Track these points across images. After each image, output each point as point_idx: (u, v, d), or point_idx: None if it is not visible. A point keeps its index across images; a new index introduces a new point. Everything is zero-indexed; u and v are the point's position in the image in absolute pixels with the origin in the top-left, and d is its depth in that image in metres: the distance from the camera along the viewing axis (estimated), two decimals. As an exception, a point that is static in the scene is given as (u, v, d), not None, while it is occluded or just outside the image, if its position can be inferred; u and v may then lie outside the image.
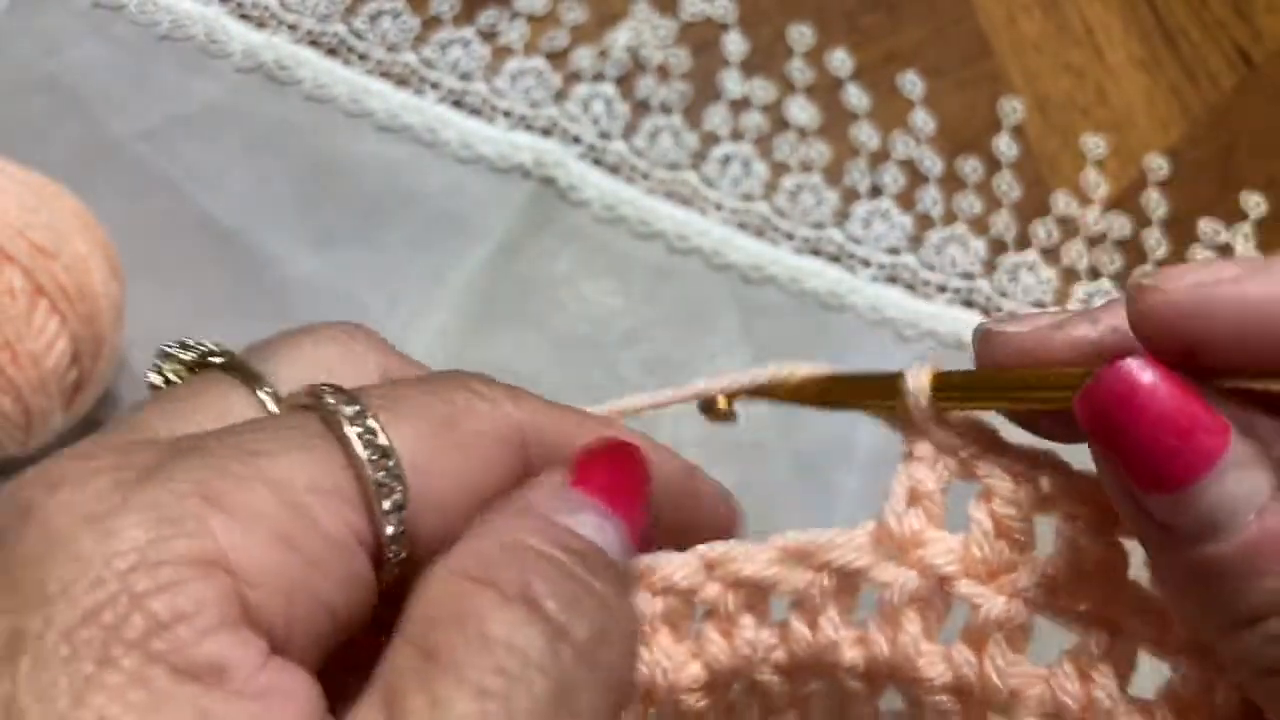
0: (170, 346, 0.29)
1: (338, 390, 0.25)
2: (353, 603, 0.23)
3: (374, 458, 0.23)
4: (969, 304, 0.65)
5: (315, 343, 0.29)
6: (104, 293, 0.52)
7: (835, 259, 0.65)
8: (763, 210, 0.65)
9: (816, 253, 0.65)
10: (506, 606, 0.22)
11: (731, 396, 0.36)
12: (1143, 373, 0.24)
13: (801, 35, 0.69)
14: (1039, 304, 0.65)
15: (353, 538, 0.23)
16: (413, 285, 0.61)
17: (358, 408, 0.24)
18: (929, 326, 0.63)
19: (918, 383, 0.29)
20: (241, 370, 0.27)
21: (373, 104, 0.63)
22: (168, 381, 0.29)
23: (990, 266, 0.66)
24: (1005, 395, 0.28)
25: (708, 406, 0.35)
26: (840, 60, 0.68)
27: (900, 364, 0.30)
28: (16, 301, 0.48)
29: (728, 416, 0.36)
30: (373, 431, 0.24)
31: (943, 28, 0.70)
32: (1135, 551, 0.27)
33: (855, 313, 0.63)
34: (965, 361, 0.31)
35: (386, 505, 0.23)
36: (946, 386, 0.29)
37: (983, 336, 0.29)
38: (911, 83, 0.68)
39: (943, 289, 0.65)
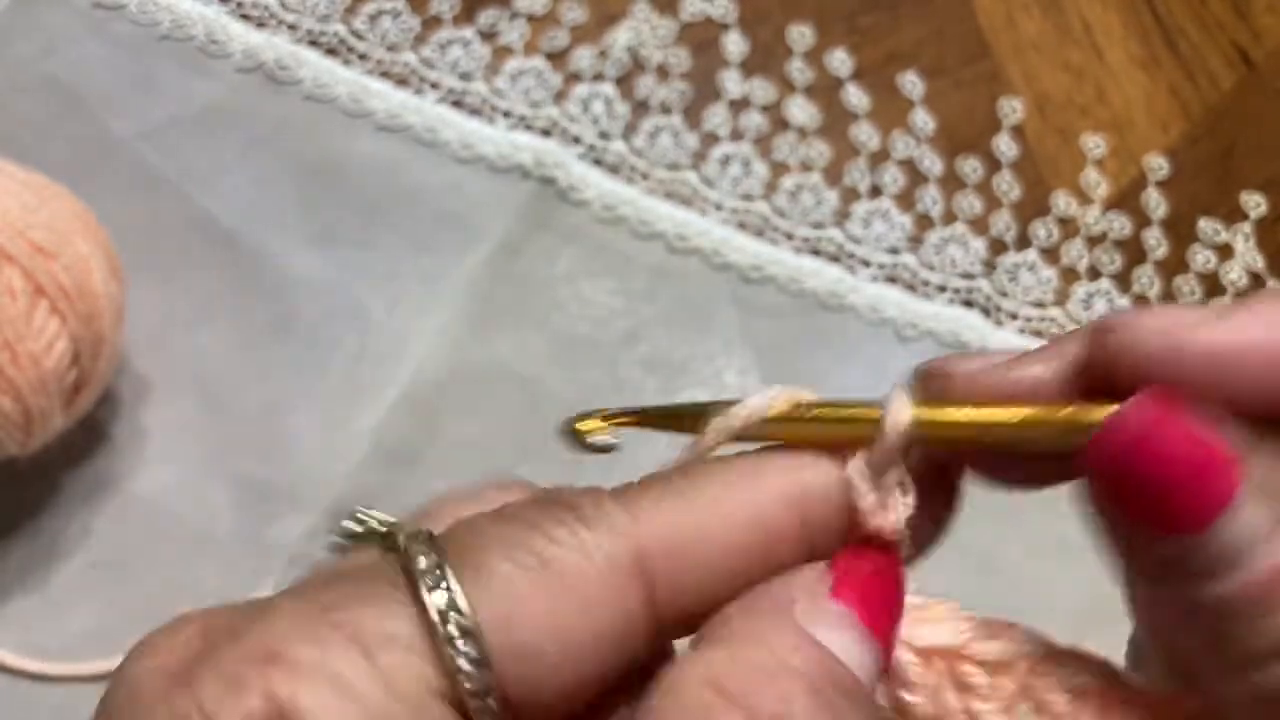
0: (360, 518, 0.27)
1: (418, 534, 0.24)
2: None
3: (446, 612, 0.22)
4: (969, 304, 0.65)
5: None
6: (104, 293, 0.52)
7: (835, 259, 0.65)
8: (762, 210, 0.65)
9: (816, 252, 0.65)
10: None
11: (614, 419, 0.27)
12: (1169, 408, 0.23)
13: (801, 35, 0.69)
14: (1039, 304, 0.65)
15: (426, 691, 0.22)
16: (413, 285, 0.61)
17: (433, 557, 0.23)
18: (929, 326, 0.63)
19: (900, 416, 0.25)
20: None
21: (373, 104, 0.63)
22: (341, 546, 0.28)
23: (990, 266, 0.66)
24: (989, 433, 0.25)
25: (570, 431, 0.27)
26: (840, 60, 0.68)
27: (901, 363, 0.29)
28: (16, 302, 0.48)
29: (599, 447, 0.28)
30: (446, 583, 0.22)
31: (942, 28, 0.70)
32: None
33: (855, 313, 0.63)
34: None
35: (462, 663, 0.22)
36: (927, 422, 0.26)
37: (924, 376, 0.27)
38: (911, 83, 0.68)
39: (943, 289, 0.65)
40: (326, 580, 0.23)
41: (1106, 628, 0.30)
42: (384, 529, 0.25)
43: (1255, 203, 0.69)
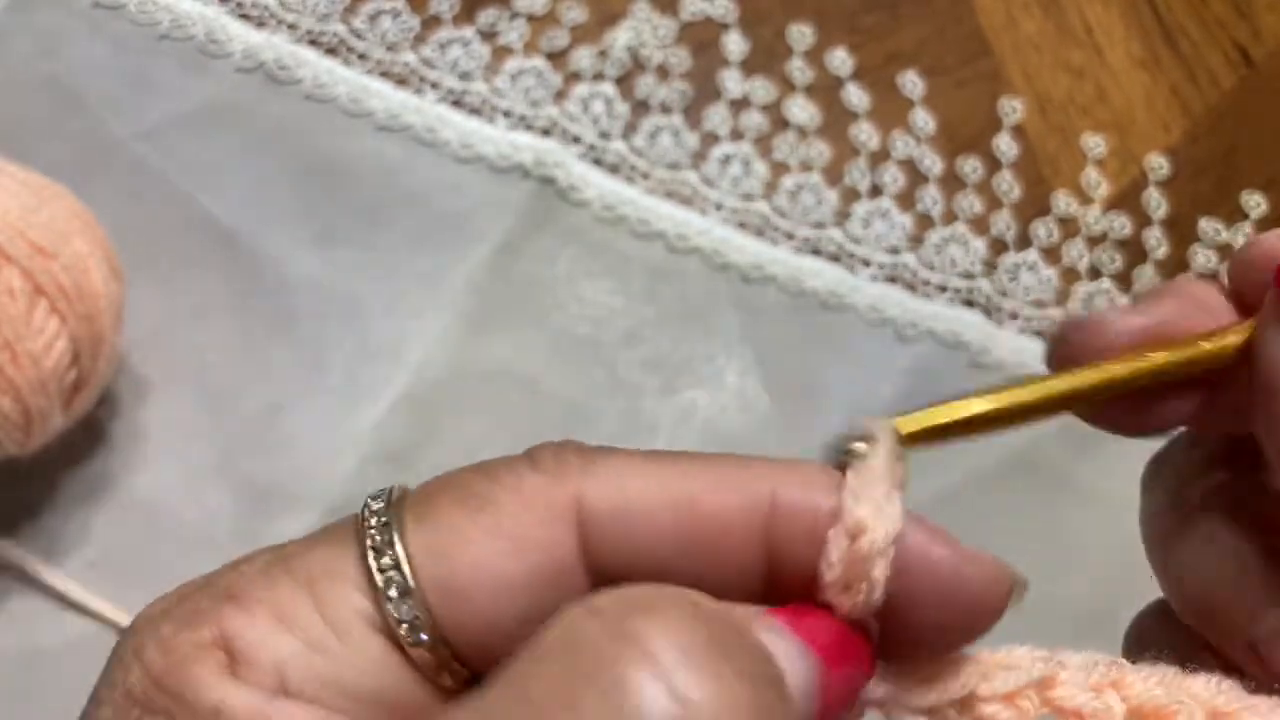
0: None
1: (385, 489, 0.25)
2: (375, 682, 0.23)
3: (381, 548, 0.23)
4: (969, 304, 0.65)
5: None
6: (104, 293, 0.52)
7: (835, 259, 0.64)
8: (763, 210, 0.65)
9: (816, 252, 0.64)
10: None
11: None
12: None
13: (801, 35, 0.68)
14: (1039, 304, 0.65)
15: (365, 624, 0.23)
16: (413, 285, 0.61)
17: (382, 501, 0.24)
18: (929, 326, 0.63)
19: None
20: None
21: (372, 104, 0.63)
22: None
23: (990, 266, 0.66)
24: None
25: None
26: (840, 60, 0.68)
27: (901, 363, 0.29)
28: (16, 301, 0.48)
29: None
30: (385, 523, 0.24)
31: (943, 27, 0.70)
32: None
33: (855, 313, 0.63)
34: (964, 361, 0.30)
35: (391, 591, 0.23)
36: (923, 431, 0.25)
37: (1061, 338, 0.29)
38: (911, 82, 0.68)
39: (943, 289, 0.65)
40: (301, 539, 0.25)
41: (1107, 628, 0.30)
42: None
43: (1256, 202, 0.69)
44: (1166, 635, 0.29)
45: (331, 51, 0.64)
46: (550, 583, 0.23)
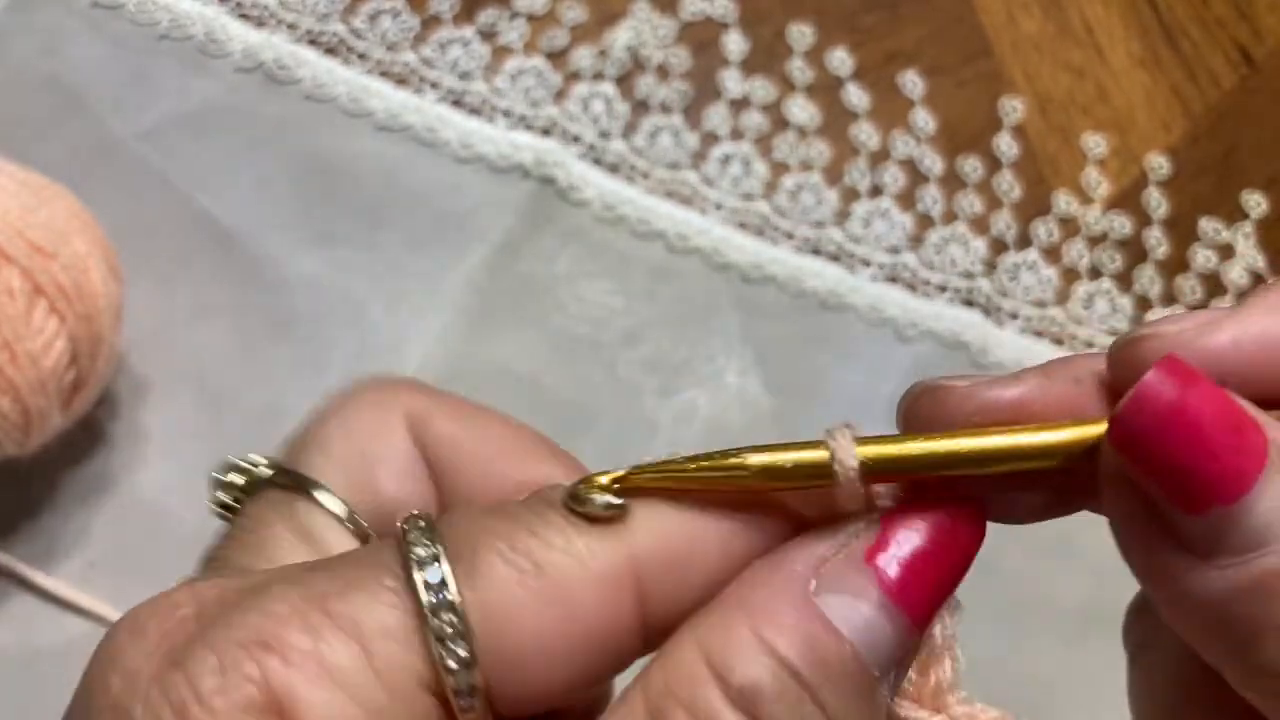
0: (220, 474, 0.28)
1: (418, 527, 0.24)
2: None
3: (439, 610, 0.22)
4: (969, 303, 0.65)
5: (344, 427, 0.29)
6: (103, 292, 0.51)
7: (835, 258, 0.64)
8: (763, 210, 0.65)
9: (816, 252, 0.64)
10: (728, 709, 0.21)
11: (622, 483, 0.24)
12: (1188, 375, 0.22)
13: (801, 35, 0.68)
14: (1039, 303, 0.65)
15: (415, 684, 0.22)
16: (413, 285, 0.61)
17: (431, 549, 0.23)
18: (929, 326, 0.63)
19: (845, 452, 0.23)
20: (295, 480, 0.27)
21: (372, 103, 0.63)
22: (228, 508, 0.29)
23: (991, 266, 0.66)
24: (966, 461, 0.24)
25: (575, 497, 0.24)
26: (840, 60, 0.68)
27: (901, 363, 0.28)
28: (15, 301, 0.48)
29: (608, 514, 0.24)
30: (444, 583, 0.22)
31: (943, 27, 0.70)
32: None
33: (855, 313, 0.63)
34: (965, 361, 0.29)
35: (451, 662, 0.22)
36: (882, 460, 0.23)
37: (913, 401, 0.25)
38: (912, 82, 0.68)
39: (943, 288, 0.65)
40: (321, 565, 0.24)
41: (1107, 628, 0.30)
42: (266, 473, 0.27)
43: (1256, 202, 0.69)
44: (1161, 637, 0.29)
45: (331, 51, 0.64)
46: (604, 645, 0.23)
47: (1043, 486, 0.25)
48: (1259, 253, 0.67)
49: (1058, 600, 0.58)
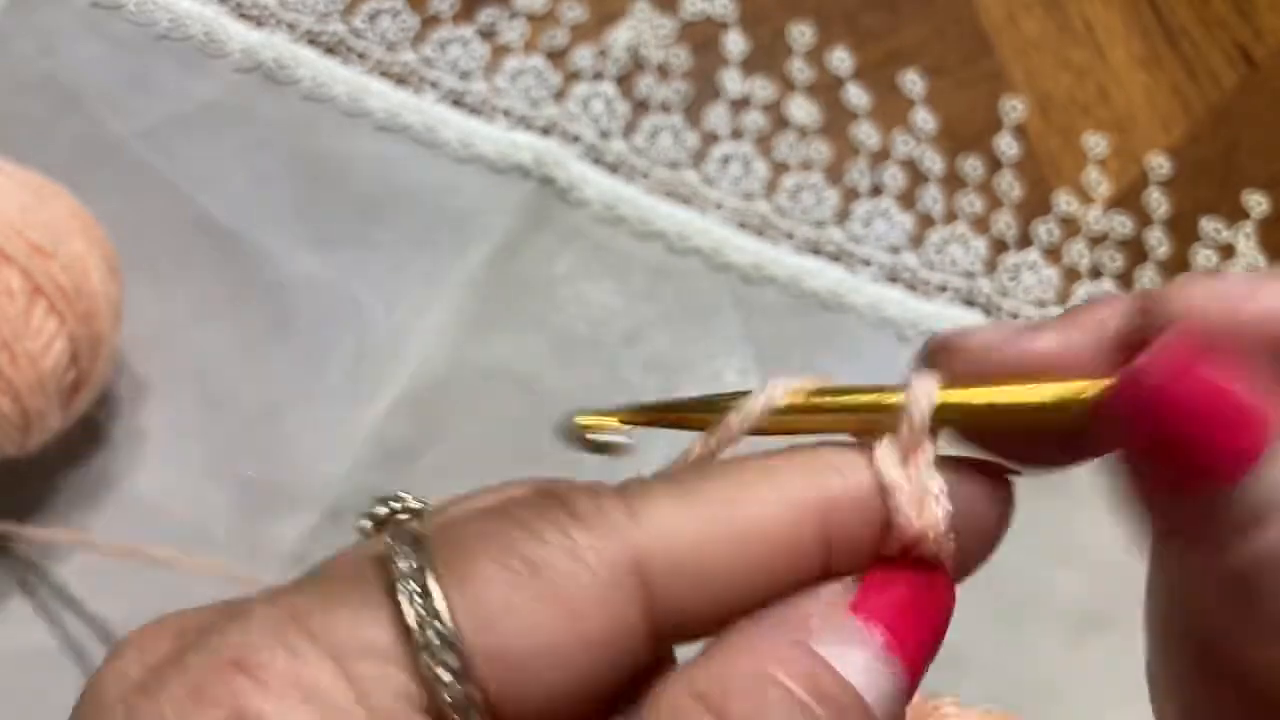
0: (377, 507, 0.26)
1: (402, 531, 0.22)
2: None
3: (426, 619, 0.21)
4: (970, 303, 0.65)
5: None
6: (102, 292, 0.51)
7: (836, 258, 0.64)
8: (763, 210, 0.65)
9: (817, 252, 0.64)
10: None
11: (616, 416, 0.25)
12: (1201, 351, 0.21)
13: (802, 34, 0.68)
14: (1040, 303, 0.65)
15: (404, 704, 0.21)
16: (412, 285, 0.61)
17: (414, 559, 0.22)
18: (930, 326, 0.63)
19: (925, 396, 0.23)
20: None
21: (372, 103, 0.63)
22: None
23: (991, 266, 0.65)
24: (1007, 413, 0.24)
25: (571, 428, 0.25)
26: (840, 59, 0.68)
27: (902, 363, 0.27)
28: (14, 301, 0.48)
29: (609, 447, 0.25)
30: (427, 591, 0.21)
31: (943, 26, 0.70)
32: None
33: (856, 313, 0.63)
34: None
35: (441, 673, 0.21)
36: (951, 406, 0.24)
37: (932, 352, 0.25)
38: (912, 82, 0.68)
39: (944, 288, 0.65)
40: (305, 582, 0.22)
41: (1107, 628, 0.30)
42: (413, 511, 0.24)
43: (1257, 202, 0.68)
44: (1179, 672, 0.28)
45: (330, 51, 0.64)
46: (609, 647, 0.22)
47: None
48: (1260, 253, 0.67)
49: (1058, 600, 0.58)
